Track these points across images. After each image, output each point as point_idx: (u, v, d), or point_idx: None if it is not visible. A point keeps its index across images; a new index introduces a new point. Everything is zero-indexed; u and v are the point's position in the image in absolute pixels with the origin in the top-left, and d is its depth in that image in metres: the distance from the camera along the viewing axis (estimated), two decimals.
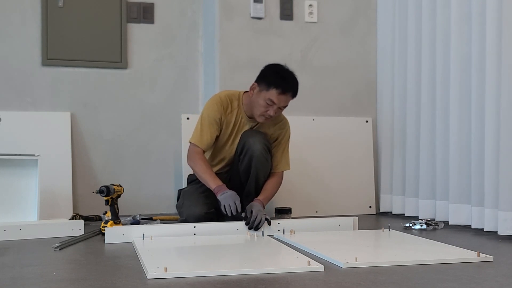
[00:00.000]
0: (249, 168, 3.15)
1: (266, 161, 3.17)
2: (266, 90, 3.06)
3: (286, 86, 3.06)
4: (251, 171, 3.15)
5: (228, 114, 3.21)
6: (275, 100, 3.05)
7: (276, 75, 3.09)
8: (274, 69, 3.16)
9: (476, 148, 3.16)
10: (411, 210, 3.73)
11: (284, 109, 3.16)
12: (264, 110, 3.08)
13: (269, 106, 3.07)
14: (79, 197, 3.83)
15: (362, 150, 4.09)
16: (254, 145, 3.12)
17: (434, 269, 2.17)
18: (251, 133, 3.18)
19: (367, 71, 4.18)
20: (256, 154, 3.12)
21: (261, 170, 3.17)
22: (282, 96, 3.05)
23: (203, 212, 3.05)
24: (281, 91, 3.04)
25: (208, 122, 3.16)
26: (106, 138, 3.97)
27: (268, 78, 3.09)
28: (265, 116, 3.11)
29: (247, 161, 3.15)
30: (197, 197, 3.15)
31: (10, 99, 3.80)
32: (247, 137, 3.16)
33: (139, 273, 2.09)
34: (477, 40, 3.16)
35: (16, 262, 2.30)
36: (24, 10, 3.83)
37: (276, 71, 3.13)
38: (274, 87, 3.04)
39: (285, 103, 3.10)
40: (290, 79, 3.11)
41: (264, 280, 2.01)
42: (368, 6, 4.18)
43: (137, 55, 4.03)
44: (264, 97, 3.06)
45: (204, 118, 3.18)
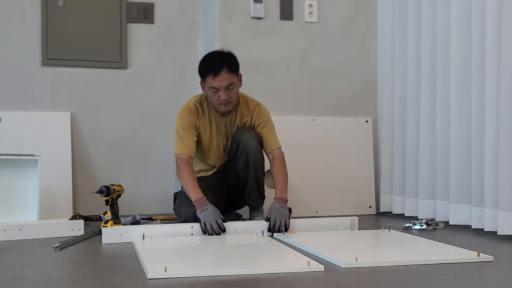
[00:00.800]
0: (247, 165, 3.16)
1: (261, 154, 3.20)
2: (205, 81, 3.10)
3: (214, 66, 3.06)
4: (250, 168, 3.16)
5: (201, 117, 3.22)
6: (215, 85, 3.06)
7: (205, 63, 3.14)
8: (202, 59, 3.20)
9: (476, 148, 3.16)
10: (411, 210, 3.73)
11: (235, 87, 3.11)
12: (216, 98, 3.09)
13: (216, 93, 3.08)
14: (79, 197, 3.83)
15: (362, 150, 4.09)
16: (248, 140, 3.13)
17: (434, 269, 2.17)
18: (242, 131, 3.19)
19: (367, 71, 4.18)
20: (251, 149, 3.13)
21: (258, 165, 3.18)
22: (218, 77, 3.04)
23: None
24: (213, 74, 3.04)
25: (184, 130, 3.15)
26: (106, 138, 3.97)
27: (200, 71, 3.14)
28: (222, 103, 3.10)
29: (244, 159, 3.15)
30: None
31: (10, 99, 3.80)
32: (240, 135, 3.17)
33: (139, 273, 2.09)
34: (477, 40, 3.16)
35: (16, 262, 2.30)
36: (24, 10, 3.83)
37: (203, 60, 3.17)
38: (207, 74, 3.07)
39: (226, 81, 3.05)
40: (218, 59, 3.10)
41: (264, 280, 2.01)
42: (368, 6, 4.18)
43: (137, 55, 4.03)
44: (208, 88, 3.10)
45: (179, 128, 3.17)
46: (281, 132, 3.32)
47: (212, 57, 3.15)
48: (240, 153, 3.15)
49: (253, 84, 3.89)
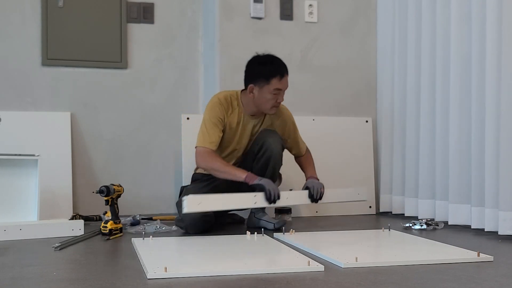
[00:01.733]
0: (265, 167, 3.15)
1: (281, 160, 3.22)
2: (268, 83, 3.10)
3: (281, 69, 3.14)
4: (267, 171, 3.14)
5: (230, 114, 3.20)
6: (280, 87, 3.12)
7: (266, 66, 3.15)
8: (260, 61, 3.19)
9: (476, 148, 3.16)
10: (410, 210, 3.73)
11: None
12: (274, 101, 3.14)
13: (275, 95, 3.13)
14: (79, 197, 3.83)
15: (362, 150, 4.09)
16: (273, 144, 3.15)
17: (434, 269, 2.17)
18: (269, 133, 3.20)
19: (367, 71, 4.18)
20: (274, 153, 3.14)
21: (277, 170, 3.20)
22: (283, 79, 3.13)
23: (199, 215, 3.02)
24: (280, 76, 3.12)
25: (212, 123, 3.14)
26: (106, 138, 3.97)
27: (262, 73, 3.13)
28: (276, 106, 3.17)
29: (264, 161, 3.14)
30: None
31: (10, 99, 3.80)
32: (266, 137, 3.17)
33: (139, 273, 2.09)
34: (477, 40, 3.16)
35: (16, 262, 2.30)
36: (24, 10, 3.83)
37: (263, 62, 3.17)
38: (273, 76, 3.10)
39: (287, 84, 3.18)
40: (278, 61, 3.18)
41: (264, 280, 2.01)
42: (368, 6, 4.18)
43: (137, 55, 4.03)
44: (269, 91, 3.10)
45: (207, 120, 3.16)
46: None
47: (274, 60, 3.19)
48: (262, 154, 3.15)
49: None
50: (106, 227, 2.94)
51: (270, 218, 3.20)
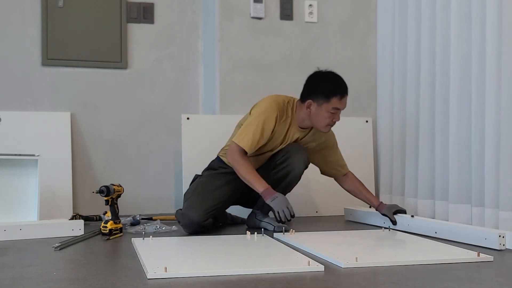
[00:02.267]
0: (281, 180, 3.12)
1: (300, 178, 3.19)
2: (328, 102, 3.02)
3: (343, 89, 3.06)
4: (282, 184, 3.12)
5: (282, 122, 3.12)
6: (339, 106, 3.05)
7: (329, 84, 3.06)
8: (323, 77, 3.10)
9: (476, 148, 3.16)
10: (410, 210, 3.72)
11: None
12: (330, 119, 3.07)
13: (333, 114, 3.06)
14: (79, 197, 3.83)
15: (362, 150, 4.08)
16: (297, 163, 3.10)
17: (434, 269, 2.17)
18: (296, 149, 3.13)
19: (367, 71, 4.18)
20: (295, 172, 3.11)
21: (291, 186, 3.18)
22: (343, 99, 3.06)
23: (199, 220, 2.99)
24: (340, 96, 3.04)
25: (262, 128, 3.04)
26: (106, 138, 3.97)
27: (323, 90, 3.04)
28: (331, 125, 3.11)
29: (283, 174, 3.11)
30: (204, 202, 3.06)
31: (10, 99, 3.80)
32: (294, 152, 3.11)
33: (139, 273, 2.09)
34: (477, 40, 3.16)
35: (16, 262, 2.30)
36: (24, 10, 3.83)
37: (326, 79, 3.09)
38: (334, 95, 3.02)
39: (346, 104, 3.11)
40: (340, 80, 3.10)
41: (264, 280, 2.01)
42: (368, 6, 4.18)
43: (137, 55, 4.03)
44: (327, 109, 3.03)
45: (259, 122, 3.03)
46: None
47: (337, 78, 3.10)
48: (283, 167, 3.10)
49: (253, 84, 3.90)
50: (106, 227, 2.94)
51: (272, 220, 3.19)
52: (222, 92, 3.87)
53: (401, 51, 3.89)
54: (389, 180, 3.98)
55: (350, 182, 3.38)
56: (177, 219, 3.15)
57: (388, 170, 3.99)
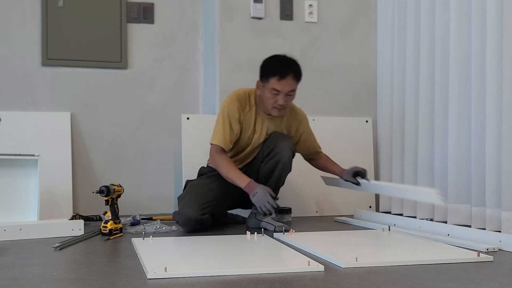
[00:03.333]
0: (272, 171, 3.14)
1: (290, 165, 3.20)
2: (267, 81, 3.09)
3: (284, 70, 3.07)
4: (274, 174, 3.14)
5: (247, 112, 3.19)
6: (278, 88, 3.06)
7: (272, 64, 3.13)
8: (269, 59, 3.19)
9: (476, 149, 3.16)
10: (409, 210, 3.73)
11: (293, 95, 3.14)
12: (273, 101, 3.09)
13: (276, 95, 3.08)
14: (79, 197, 3.84)
15: (362, 150, 4.09)
16: (284, 150, 3.12)
17: (434, 269, 2.17)
18: (281, 137, 3.17)
19: (367, 71, 4.18)
20: (283, 159, 3.12)
21: (283, 176, 3.18)
22: (283, 81, 3.06)
23: (195, 215, 3.02)
24: (279, 77, 3.06)
25: (229, 121, 3.12)
26: (106, 138, 3.97)
27: (265, 70, 3.14)
28: (276, 108, 3.11)
29: (272, 164, 3.13)
30: (198, 199, 3.12)
31: (10, 99, 3.80)
32: (278, 141, 3.14)
33: (139, 273, 2.09)
34: (476, 40, 3.16)
35: (16, 262, 2.30)
36: (24, 10, 3.83)
37: (270, 61, 3.17)
38: (272, 75, 3.07)
39: (290, 87, 3.08)
40: (287, 63, 3.12)
41: (264, 280, 2.01)
42: (368, 6, 4.18)
43: (137, 55, 4.04)
44: (268, 89, 3.08)
45: (224, 117, 3.13)
46: None
47: (281, 60, 3.15)
48: (270, 158, 3.13)
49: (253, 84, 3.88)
50: (106, 227, 2.94)
51: (272, 220, 3.19)
52: (222, 92, 3.86)
53: (401, 51, 3.89)
54: (389, 180, 3.98)
55: (321, 161, 3.44)
56: (174, 220, 3.15)
57: (388, 170, 3.99)
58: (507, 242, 2.56)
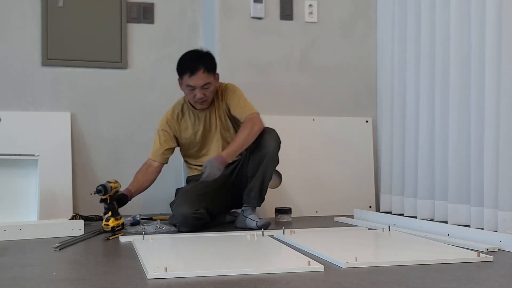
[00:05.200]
0: (259, 164, 3.16)
1: (276, 158, 3.22)
2: (182, 79, 3.22)
3: (190, 66, 3.17)
4: (260, 168, 3.16)
5: (181, 120, 3.35)
6: (191, 83, 3.18)
7: (182, 62, 3.24)
8: (181, 57, 3.29)
9: (476, 148, 3.16)
10: (410, 210, 3.73)
11: (211, 87, 3.21)
12: (192, 96, 3.22)
13: (192, 91, 3.19)
14: (79, 197, 3.83)
15: (362, 150, 4.09)
16: (269, 142, 3.16)
17: (434, 269, 2.17)
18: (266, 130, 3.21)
19: (367, 71, 4.18)
20: (269, 151, 3.15)
21: (269, 168, 3.19)
22: (193, 76, 3.16)
23: (189, 212, 3.04)
24: (190, 73, 3.16)
25: (158, 136, 3.38)
26: (106, 138, 3.97)
27: (178, 69, 3.25)
28: (198, 101, 3.23)
29: (259, 157, 3.16)
30: (188, 197, 3.16)
31: (10, 99, 3.80)
32: (263, 133, 3.19)
33: (139, 273, 2.09)
34: (476, 40, 3.16)
35: (16, 262, 2.30)
36: (24, 10, 3.83)
37: (181, 58, 3.27)
38: (184, 72, 3.19)
39: (203, 80, 3.18)
40: (195, 59, 3.21)
41: (264, 280, 2.01)
42: (368, 6, 4.18)
43: (137, 55, 4.03)
44: (184, 86, 3.22)
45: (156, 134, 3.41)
46: (280, 132, 3.31)
47: (190, 56, 3.25)
48: (257, 151, 3.16)
49: (253, 84, 3.89)
50: (108, 225, 2.94)
51: (256, 217, 3.19)
52: None
53: (401, 51, 3.89)
54: (389, 180, 3.98)
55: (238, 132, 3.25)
56: (171, 224, 3.15)
57: (388, 170, 3.99)
58: (507, 242, 2.56)
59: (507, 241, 2.56)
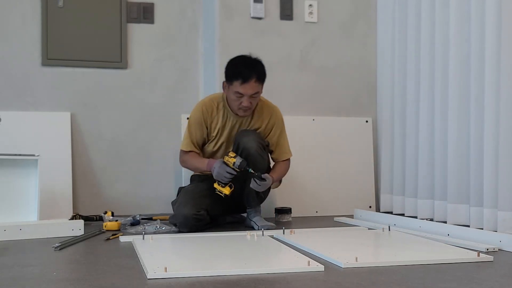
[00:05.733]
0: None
1: (262, 158, 3.18)
2: (231, 84, 3.13)
3: (246, 74, 3.10)
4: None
5: (215, 116, 3.27)
6: (241, 91, 3.10)
7: (235, 67, 3.17)
8: (233, 61, 3.23)
9: (475, 148, 3.17)
10: (410, 210, 3.73)
11: (257, 96, 3.17)
12: (238, 103, 3.15)
13: (240, 98, 3.12)
14: (79, 197, 3.83)
15: (362, 150, 4.09)
16: (248, 143, 3.13)
17: (434, 269, 2.18)
18: (244, 133, 3.20)
19: (367, 71, 4.18)
20: (251, 152, 3.12)
21: (257, 168, 3.15)
22: (245, 84, 3.10)
23: (191, 213, 3.04)
24: (242, 81, 3.09)
25: (194, 128, 3.27)
26: (106, 138, 3.97)
27: (228, 73, 3.18)
28: (242, 109, 3.17)
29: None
30: (191, 197, 3.15)
31: (10, 99, 3.80)
32: (241, 137, 3.17)
33: (139, 273, 2.09)
34: (476, 40, 3.16)
35: (16, 262, 2.30)
36: (24, 10, 3.83)
37: (234, 63, 3.20)
38: (235, 79, 3.11)
39: (253, 90, 3.12)
40: (249, 66, 3.15)
41: (264, 280, 2.01)
42: (368, 6, 4.18)
43: (137, 55, 4.03)
44: (232, 92, 3.13)
45: (189, 124, 3.31)
46: None
47: (244, 63, 3.18)
48: (239, 155, 3.14)
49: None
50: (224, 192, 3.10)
51: (259, 220, 3.20)
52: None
53: (401, 51, 3.89)
54: (389, 180, 3.98)
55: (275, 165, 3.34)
56: (172, 223, 3.15)
57: (388, 170, 3.99)
58: (507, 242, 2.56)
59: (507, 241, 2.56)
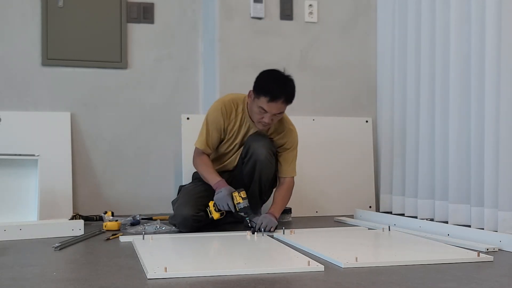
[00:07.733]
0: (253, 171, 3.14)
1: (271, 164, 3.16)
2: (258, 98, 3.01)
3: (275, 93, 2.97)
4: (255, 175, 3.14)
5: (232, 119, 3.19)
6: (265, 108, 2.99)
7: (266, 82, 3.03)
8: (265, 75, 3.08)
9: (476, 148, 3.17)
10: (410, 210, 3.73)
11: (281, 115, 3.09)
12: (259, 117, 3.04)
13: (263, 113, 3.02)
14: (79, 197, 3.83)
15: (362, 150, 4.09)
16: (258, 149, 3.10)
17: (434, 269, 2.18)
18: (256, 138, 3.16)
19: (367, 71, 4.18)
20: (260, 158, 3.10)
21: (264, 174, 3.15)
22: (272, 103, 2.97)
23: (190, 213, 3.03)
24: (270, 99, 2.96)
25: (211, 127, 3.18)
26: (106, 138, 3.97)
27: (259, 85, 3.04)
28: (262, 123, 3.06)
29: (251, 165, 3.13)
30: (190, 198, 3.14)
31: (10, 99, 3.80)
32: (252, 141, 3.14)
33: (139, 273, 2.09)
34: (476, 40, 3.16)
35: (16, 262, 2.30)
36: (24, 10, 3.82)
37: (266, 78, 3.06)
38: (263, 94, 2.98)
39: (278, 110, 3.01)
40: (280, 86, 3.01)
41: (264, 280, 2.01)
42: (368, 6, 4.18)
43: (137, 55, 4.03)
44: (257, 105, 3.01)
45: (207, 122, 3.19)
46: None
47: (275, 80, 3.04)
48: (248, 159, 3.13)
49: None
50: None
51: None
52: (222, 92, 3.86)
53: (401, 51, 3.89)
54: (389, 180, 3.98)
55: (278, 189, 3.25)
56: (171, 223, 3.15)
57: (388, 170, 3.99)
58: (507, 242, 2.56)
59: (507, 241, 2.57)
